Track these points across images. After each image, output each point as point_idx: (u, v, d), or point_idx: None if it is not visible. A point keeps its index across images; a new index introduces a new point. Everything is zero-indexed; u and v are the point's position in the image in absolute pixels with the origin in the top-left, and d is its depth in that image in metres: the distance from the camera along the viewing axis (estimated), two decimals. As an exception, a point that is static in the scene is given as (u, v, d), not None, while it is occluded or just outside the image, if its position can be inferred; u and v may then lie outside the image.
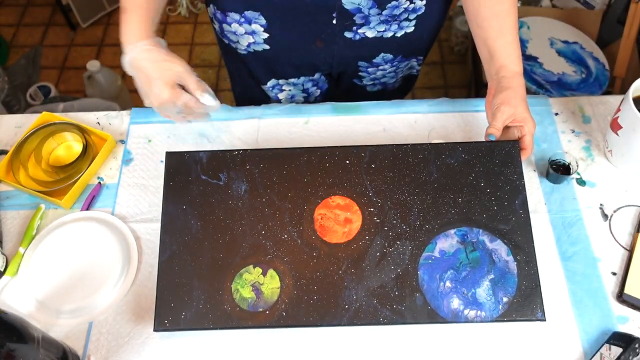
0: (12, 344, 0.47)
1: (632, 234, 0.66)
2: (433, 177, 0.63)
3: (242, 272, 0.59)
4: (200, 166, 0.64)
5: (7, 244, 0.68)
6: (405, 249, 0.60)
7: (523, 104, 0.64)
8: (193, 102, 0.64)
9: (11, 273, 0.65)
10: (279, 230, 0.61)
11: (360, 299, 0.58)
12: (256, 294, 0.58)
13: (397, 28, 0.74)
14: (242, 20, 0.72)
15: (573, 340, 0.60)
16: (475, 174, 0.63)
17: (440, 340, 0.60)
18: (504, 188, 0.62)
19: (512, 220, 0.61)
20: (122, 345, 0.61)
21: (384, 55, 0.80)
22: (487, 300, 0.57)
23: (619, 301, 0.62)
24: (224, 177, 0.64)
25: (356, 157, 0.64)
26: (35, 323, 0.53)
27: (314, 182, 0.63)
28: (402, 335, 0.61)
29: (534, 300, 0.57)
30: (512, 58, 0.66)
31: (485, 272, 0.59)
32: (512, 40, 0.66)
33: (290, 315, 0.57)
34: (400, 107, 0.78)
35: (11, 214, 0.70)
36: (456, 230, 0.61)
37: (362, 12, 0.70)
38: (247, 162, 0.64)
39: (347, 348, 0.60)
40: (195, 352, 0.60)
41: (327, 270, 0.59)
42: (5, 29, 1.92)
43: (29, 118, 0.78)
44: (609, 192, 0.69)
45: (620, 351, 0.57)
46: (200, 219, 0.62)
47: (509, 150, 0.64)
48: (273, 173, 0.64)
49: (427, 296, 0.58)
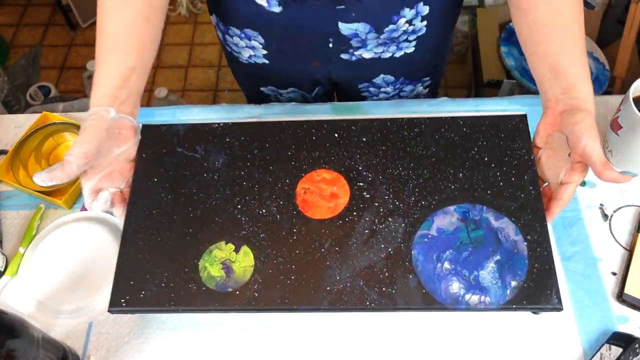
0: (12, 344, 0.47)
1: (632, 234, 0.66)
2: (431, 151, 0.57)
3: (212, 249, 0.54)
4: (177, 139, 0.60)
5: (7, 244, 0.68)
6: (397, 227, 0.54)
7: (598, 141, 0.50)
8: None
9: (11, 273, 0.65)
10: (257, 205, 0.56)
11: (344, 280, 0.51)
12: (226, 273, 0.53)
13: (396, 49, 0.73)
14: (242, 35, 0.73)
15: (573, 340, 0.60)
16: (479, 148, 0.57)
17: (432, 335, 0.60)
18: (511, 163, 0.56)
19: (521, 197, 0.54)
20: (122, 345, 0.61)
21: (384, 76, 0.79)
22: (492, 284, 0.50)
23: (619, 301, 0.62)
24: (200, 149, 0.59)
25: (346, 131, 0.59)
26: (35, 323, 0.53)
27: (298, 156, 0.58)
28: (391, 324, 0.60)
29: (549, 284, 0.50)
30: (583, 76, 0.54)
31: (490, 253, 0.51)
32: (580, 56, 0.55)
33: (263, 297, 0.51)
34: (400, 107, 0.78)
35: (11, 214, 0.70)
36: (456, 206, 0.54)
37: (359, 37, 0.69)
38: (227, 135, 0.60)
39: (328, 338, 0.60)
40: (195, 352, 0.60)
41: (308, 248, 0.53)
42: (5, 29, 1.92)
43: (29, 118, 0.78)
44: (609, 192, 0.69)
45: (620, 351, 0.57)
46: (171, 192, 0.57)
47: (516, 124, 0.58)
48: (254, 146, 0.59)
49: (421, 278, 0.51)
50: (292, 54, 0.74)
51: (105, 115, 0.54)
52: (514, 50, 1.39)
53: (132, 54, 0.56)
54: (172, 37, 1.92)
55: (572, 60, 0.54)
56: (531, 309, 0.50)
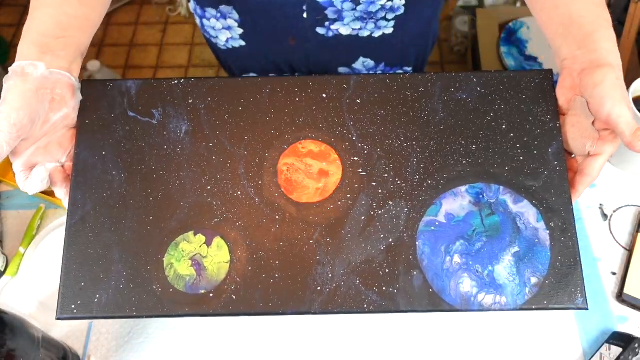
0: (13, 343, 0.47)
1: (632, 234, 0.66)
2: (439, 116, 0.49)
3: (178, 241, 0.45)
4: (127, 100, 0.49)
5: (7, 244, 0.68)
6: (399, 212, 0.46)
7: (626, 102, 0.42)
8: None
9: (11, 273, 0.65)
10: (231, 186, 0.47)
11: (338, 277, 0.44)
12: (197, 271, 0.45)
13: (374, 27, 0.71)
14: (218, 15, 0.72)
15: (573, 340, 0.60)
16: (495, 113, 0.48)
17: (431, 335, 0.60)
18: (533, 132, 0.48)
19: (544, 174, 0.46)
20: (122, 345, 0.61)
21: (364, 60, 0.78)
22: (509, 282, 0.44)
23: (618, 301, 0.62)
24: (158, 114, 0.49)
25: (336, 90, 0.50)
26: (36, 323, 0.53)
27: (279, 122, 0.49)
28: (388, 323, 0.60)
29: (573, 281, 0.43)
30: (601, 22, 0.45)
31: (507, 244, 0.45)
32: (599, 3, 0.46)
33: (243, 299, 0.44)
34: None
35: (11, 214, 0.70)
36: (469, 187, 0.47)
37: (334, 6, 0.67)
38: (189, 96, 0.50)
39: (321, 343, 0.60)
40: (195, 352, 0.60)
41: (294, 239, 0.45)
42: (5, 29, 1.92)
43: (29, 118, 0.78)
44: (609, 192, 0.69)
45: (620, 351, 0.57)
46: (124, 169, 0.47)
47: (540, 83, 0.49)
48: (225, 110, 0.49)
49: (427, 275, 0.44)
50: (268, 30, 0.73)
51: (32, 72, 0.43)
52: (514, 50, 1.39)
53: (73, 1, 0.47)
54: (172, 37, 1.92)
55: (585, 6, 0.46)
56: (552, 309, 0.44)
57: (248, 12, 0.71)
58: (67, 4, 0.46)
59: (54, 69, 0.44)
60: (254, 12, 0.71)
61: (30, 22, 0.46)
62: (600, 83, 0.43)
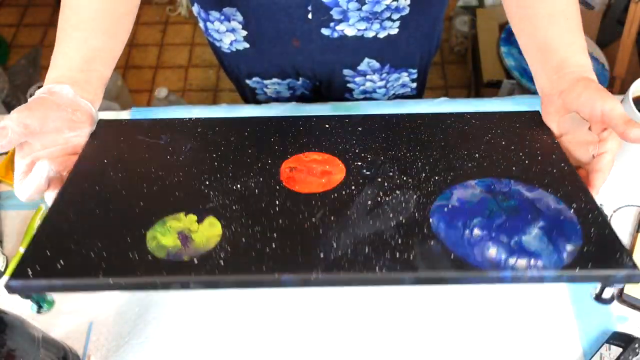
0: (13, 343, 0.47)
1: (632, 234, 0.66)
2: (438, 137, 0.50)
3: (166, 220, 0.42)
4: (138, 130, 0.52)
5: (7, 244, 0.68)
6: (408, 198, 0.44)
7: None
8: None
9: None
10: (230, 181, 0.46)
11: (344, 245, 0.40)
12: (182, 242, 0.40)
13: (379, 28, 0.71)
14: (222, 17, 0.72)
15: (573, 340, 0.60)
16: (492, 135, 0.50)
17: (430, 334, 0.60)
18: (533, 145, 0.49)
19: (553, 172, 0.46)
20: (122, 345, 0.61)
21: (369, 61, 0.78)
22: (542, 249, 0.39)
23: (618, 301, 0.62)
24: (165, 137, 0.51)
25: (338, 123, 0.53)
26: (35, 323, 0.53)
27: (282, 142, 0.50)
28: (393, 325, 0.60)
29: (615, 247, 0.39)
30: (575, 48, 0.48)
31: (531, 220, 0.41)
32: (572, 27, 0.49)
33: (231, 265, 0.38)
34: (400, 107, 0.78)
35: (11, 214, 0.70)
36: (478, 180, 0.45)
37: (340, 7, 0.67)
38: (199, 127, 0.52)
39: (322, 343, 0.60)
40: (196, 352, 0.60)
41: (295, 218, 0.42)
42: (6, 29, 1.93)
43: (29, 118, 0.78)
44: (608, 192, 0.69)
45: (620, 351, 0.57)
46: (123, 171, 0.47)
47: (530, 118, 0.52)
48: (231, 134, 0.51)
49: (446, 243, 0.40)
50: (272, 32, 0.73)
51: (59, 91, 0.47)
52: (514, 50, 1.39)
53: (98, 34, 0.49)
54: (172, 37, 1.92)
55: (561, 32, 0.48)
56: (600, 275, 0.38)
57: (252, 13, 0.70)
58: (93, 37, 0.49)
59: (79, 96, 0.48)
60: (257, 13, 0.70)
61: (56, 57, 0.49)
62: (584, 90, 0.45)
